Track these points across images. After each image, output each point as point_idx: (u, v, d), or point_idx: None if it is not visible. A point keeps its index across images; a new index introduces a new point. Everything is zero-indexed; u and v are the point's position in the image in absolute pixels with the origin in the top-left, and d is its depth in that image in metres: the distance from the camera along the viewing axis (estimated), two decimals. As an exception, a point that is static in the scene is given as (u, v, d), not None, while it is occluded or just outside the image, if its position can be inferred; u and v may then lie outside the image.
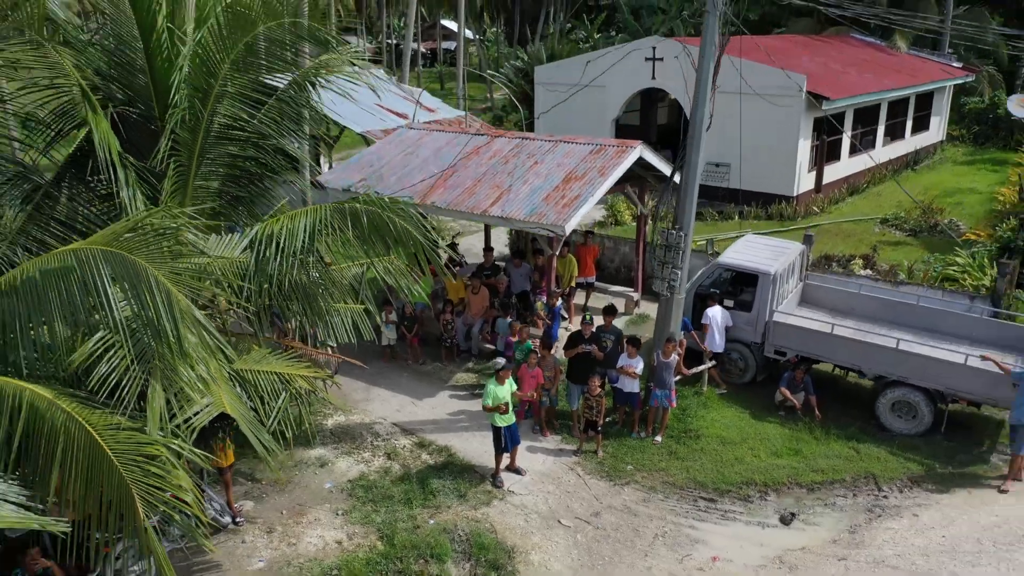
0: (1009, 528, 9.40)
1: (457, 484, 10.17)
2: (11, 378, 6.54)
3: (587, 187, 12.18)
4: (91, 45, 8.79)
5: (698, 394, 12.28)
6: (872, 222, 22.00)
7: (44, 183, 8.17)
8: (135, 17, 8.45)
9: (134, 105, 8.71)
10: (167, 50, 8.53)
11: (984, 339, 12.13)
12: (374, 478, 10.34)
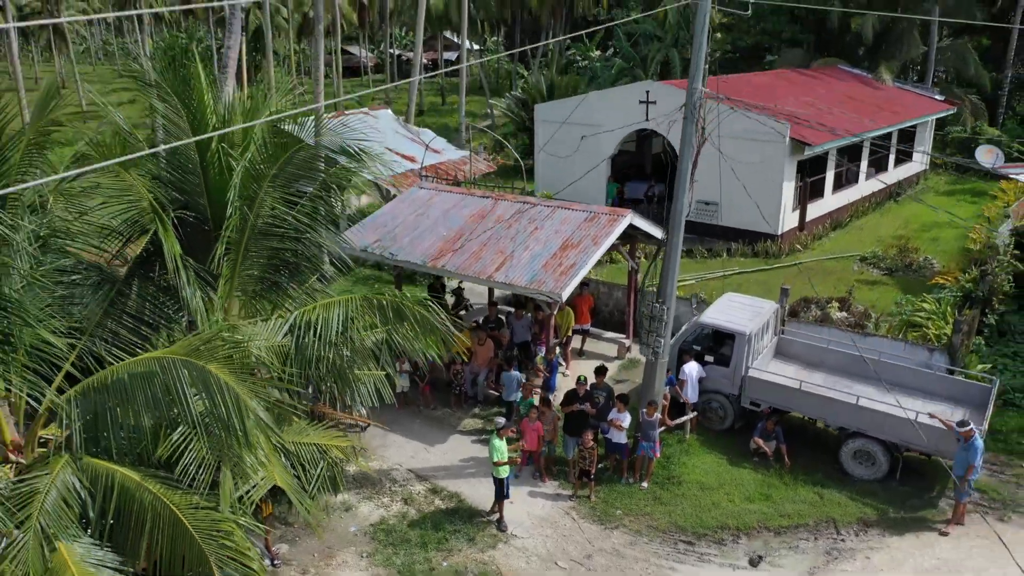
0: (947, 571, 10.81)
1: (467, 528, 11.58)
2: (104, 461, 7.96)
3: (582, 255, 13.59)
4: (154, 157, 10.19)
5: (681, 442, 13.68)
6: (852, 259, 23.41)
7: (118, 281, 9.57)
8: (192, 133, 9.87)
9: (189, 209, 10.11)
10: (219, 164, 9.95)
11: (939, 393, 13.56)
12: (393, 522, 11.75)
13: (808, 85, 30.61)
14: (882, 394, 13.28)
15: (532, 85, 35.11)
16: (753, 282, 21.78)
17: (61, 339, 8.34)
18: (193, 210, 10.11)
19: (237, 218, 9.58)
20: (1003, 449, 13.63)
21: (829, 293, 20.61)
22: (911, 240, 24.35)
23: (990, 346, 16.56)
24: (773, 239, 24.01)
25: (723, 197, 23.70)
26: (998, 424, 14.05)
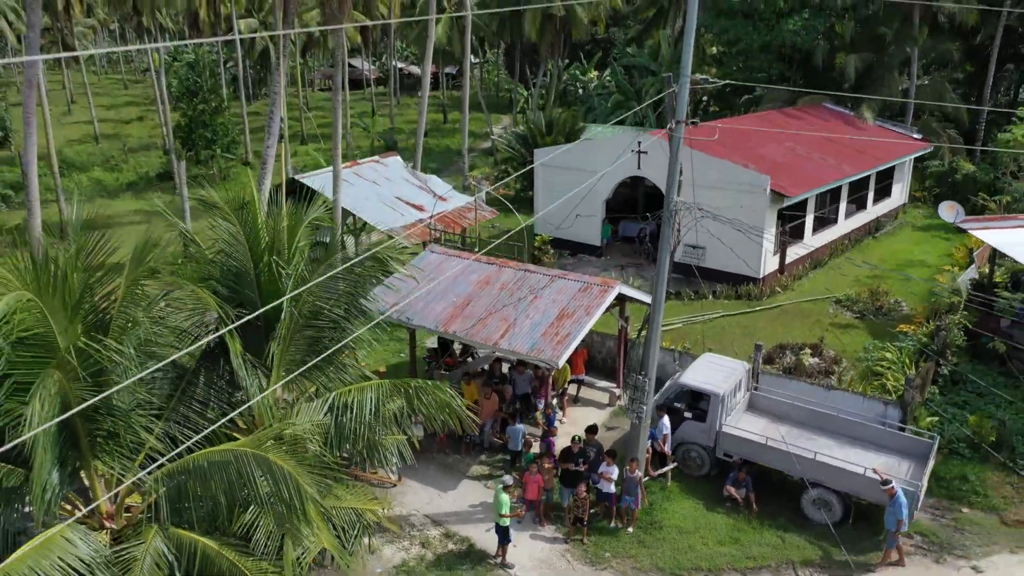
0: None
1: (476, 570, 13.48)
2: (187, 531, 9.86)
3: (576, 325, 15.49)
4: (214, 263, 12.10)
5: (663, 488, 15.59)
6: (827, 302, 25.33)
7: (188, 372, 11.47)
8: (248, 247, 11.80)
9: (244, 307, 12.01)
10: (269, 271, 11.86)
11: (889, 446, 15.48)
12: (413, 564, 13.66)
13: (791, 129, 32.47)
14: (839, 447, 15.23)
15: (532, 121, 36.95)
16: (735, 325, 23.73)
17: (145, 424, 10.27)
18: (247, 307, 12.00)
19: (288, 318, 11.49)
20: (945, 495, 15.53)
21: (805, 336, 22.57)
22: (883, 281, 26.29)
23: (944, 395, 18.45)
24: (755, 282, 25.91)
25: (708, 241, 25.69)
26: (943, 472, 15.95)
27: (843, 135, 33.18)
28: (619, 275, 27.57)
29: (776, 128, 32.35)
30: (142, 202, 44.14)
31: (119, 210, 42.42)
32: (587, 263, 28.97)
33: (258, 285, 11.97)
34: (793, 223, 27.46)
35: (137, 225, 38.69)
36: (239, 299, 12.04)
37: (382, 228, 23.92)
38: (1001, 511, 15.11)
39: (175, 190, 45.46)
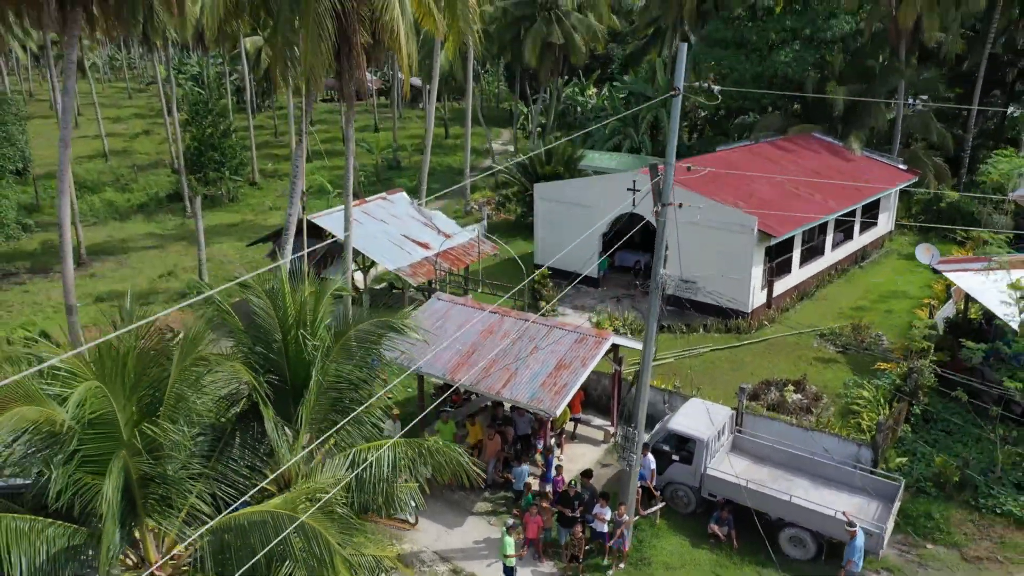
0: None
1: (481, 604, 14.86)
2: (229, 582, 11.23)
3: (572, 376, 16.88)
4: (246, 333, 13.48)
5: (652, 525, 16.96)
6: (812, 335, 26.71)
7: (225, 434, 12.84)
8: (278, 321, 13.18)
9: (273, 373, 13.39)
10: (297, 343, 13.24)
11: (859, 487, 16.84)
12: (424, 599, 15.03)
13: (781, 162, 33.87)
14: (814, 488, 16.62)
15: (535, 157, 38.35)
16: (724, 359, 25.13)
17: (189, 487, 11.65)
18: (276, 373, 13.39)
19: (315, 386, 12.87)
20: (912, 531, 16.90)
21: (790, 371, 23.96)
22: (866, 314, 27.69)
23: (916, 433, 19.83)
24: (744, 315, 27.27)
25: (701, 276, 27.02)
26: (910, 510, 17.32)
27: (831, 168, 34.61)
28: (615, 307, 28.97)
29: (767, 160, 33.76)
30: (154, 224, 45.48)
31: (132, 233, 43.75)
32: (585, 294, 30.34)
33: (286, 354, 13.35)
34: (780, 258, 28.82)
35: (152, 250, 40.09)
36: (269, 365, 13.42)
37: (391, 268, 25.31)
38: (962, 547, 16.48)
39: (185, 212, 46.91)
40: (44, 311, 31.39)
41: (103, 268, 37.12)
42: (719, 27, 42.23)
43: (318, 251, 27.18)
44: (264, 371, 13.33)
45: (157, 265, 37.02)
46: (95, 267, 37.24)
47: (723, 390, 22.04)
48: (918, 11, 35.31)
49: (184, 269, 35.63)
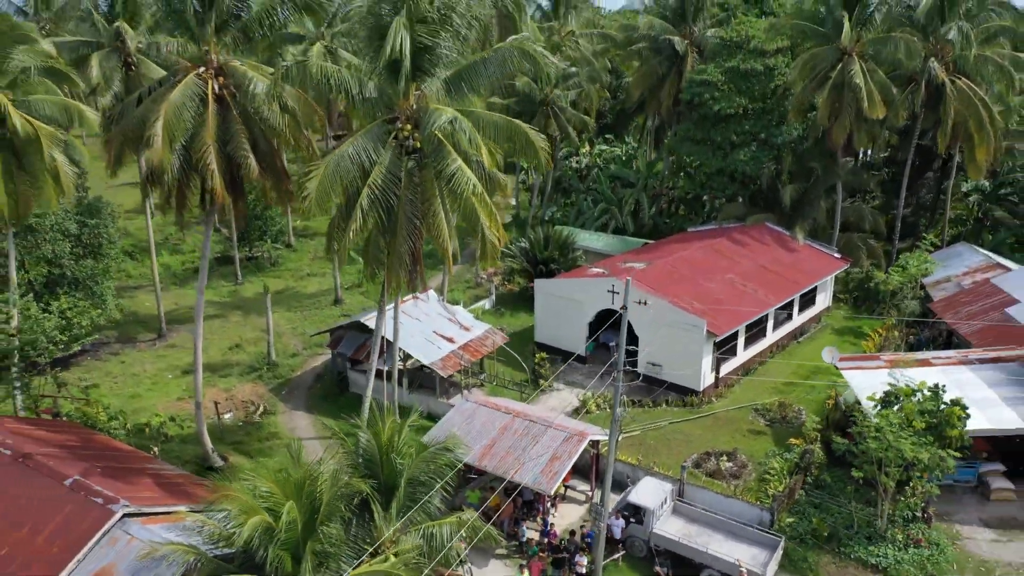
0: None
1: (502, 622, 22.77)
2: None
3: (562, 465, 24.85)
4: (357, 455, 21.41)
5: (616, 565, 24.90)
6: (749, 409, 34.65)
7: (346, 523, 20.73)
8: (376, 445, 21.15)
9: (373, 478, 21.27)
10: (390, 460, 21.16)
11: (757, 541, 24.78)
12: (464, 618, 22.93)
13: (734, 258, 41.79)
14: (725, 541, 24.58)
15: (534, 240, 46.36)
16: (677, 432, 33.08)
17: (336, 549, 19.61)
18: (375, 479, 21.31)
19: (402, 491, 20.79)
20: (793, 570, 24.82)
21: (727, 442, 31.92)
22: (795, 390, 35.65)
23: (808, 495, 27.73)
24: (696, 393, 35.24)
25: (664, 359, 35.08)
26: (793, 555, 25.17)
27: (776, 261, 42.61)
28: (599, 382, 36.88)
29: (722, 256, 41.78)
30: (211, 291, 53.24)
31: (193, 300, 51.57)
32: (575, 370, 38.17)
33: (382, 468, 21.28)
34: (727, 345, 36.78)
35: (215, 319, 47.90)
36: (372, 475, 21.33)
37: (426, 362, 33.22)
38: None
39: (236, 280, 54.85)
40: (143, 383, 39.17)
41: (180, 339, 44.95)
42: (690, 128, 50.23)
43: (368, 343, 35.13)
44: (369, 477, 21.27)
45: (223, 336, 44.89)
46: (173, 338, 45.09)
47: (675, 459, 29.96)
48: (848, 130, 43.37)
49: (248, 342, 43.49)
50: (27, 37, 29.94)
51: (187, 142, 23.91)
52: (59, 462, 22.95)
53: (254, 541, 18.29)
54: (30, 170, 29.84)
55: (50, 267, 39.94)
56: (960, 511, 27.54)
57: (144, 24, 39.98)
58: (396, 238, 21.69)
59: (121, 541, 19.87)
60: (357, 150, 20.78)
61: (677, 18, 54.08)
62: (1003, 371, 30.08)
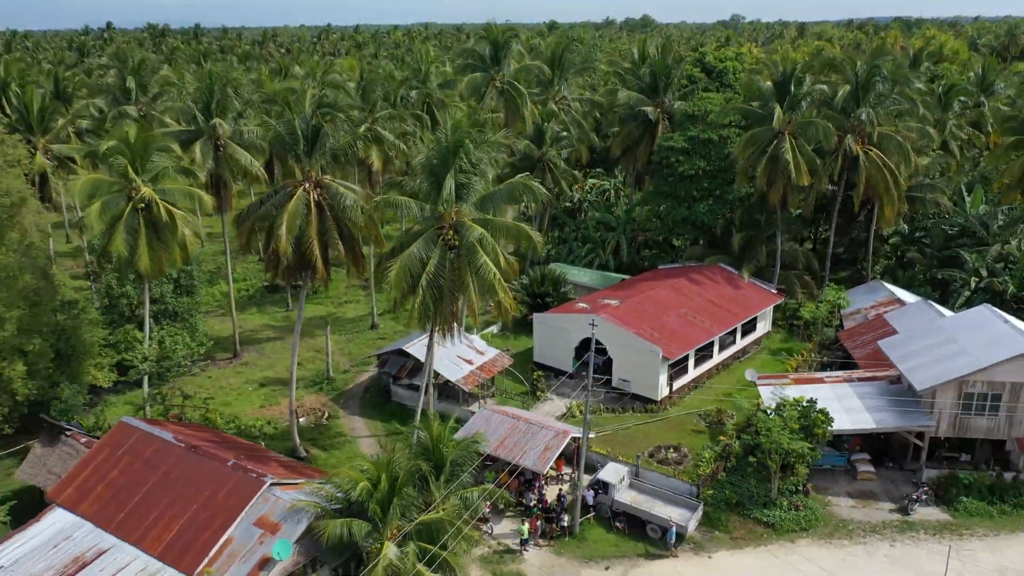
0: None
1: (512, 555, 34.22)
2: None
3: (551, 452, 36.36)
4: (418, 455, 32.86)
5: (588, 522, 36.33)
6: (694, 415, 46.09)
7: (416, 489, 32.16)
8: (429, 438, 32.64)
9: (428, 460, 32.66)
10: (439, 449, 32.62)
11: (685, 505, 36.26)
12: (486, 553, 34.36)
13: (689, 295, 53.25)
14: (663, 506, 36.08)
15: (533, 277, 57.84)
16: (640, 432, 44.52)
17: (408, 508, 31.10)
18: (429, 461, 32.75)
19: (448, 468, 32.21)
20: (709, 525, 36.23)
21: (676, 439, 43.38)
22: (731, 400, 47.05)
23: (727, 475, 39.11)
24: (655, 402, 46.71)
25: (632, 376, 46.56)
26: (711, 515, 36.56)
27: (724, 296, 54.09)
28: (582, 392, 48.31)
29: (680, 293, 53.25)
30: (267, 316, 64.81)
31: (253, 324, 63.05)
32: (564, 384, 49.60)
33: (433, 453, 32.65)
34: (680, 365, 48.25)
35: (275, 341, 59.28)
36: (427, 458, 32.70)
37: (453, 379, 44.61)
38: (731, 532, 35.90)
39: (287, 306, 66.21)
40: (230, 394, 50.52)
41: (251, 357, 56.40)
42: (660, 183, 61.66)
43: (408, 363, 46.62)
44: (425, 459, 32.68)
45: (285, 356, 56.26)
46: (246, 357, 56.52)
47: (636, 450, 41.34)
48: (781, 193, 54.85)
49: (306, 360, 54.87)
50: (166, 146, 41.46)
51: (297, 236, 35.36)
52: (216, 450, 34.41)
53: (362, 497, 29.81)
54: (166, 242, 41.34)
55: (154, 304, 51.32)
56: (833, 486, 39.05)
57: (229, 115, 51.48)
58: (443, 303, 33.23)
59: (271, 500, 31.29)
60: (419, 249, 32.33)
61: (650, 91, 65.62)
62: (872, 387, 41.58)
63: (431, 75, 69.46)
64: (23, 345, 41.05)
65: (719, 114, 58.63)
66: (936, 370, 38.51)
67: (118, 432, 35.97)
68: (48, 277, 43.39)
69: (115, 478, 33.70)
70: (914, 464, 39.98)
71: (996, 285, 52.45)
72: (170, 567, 29.48)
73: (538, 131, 63.07)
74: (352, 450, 42.83)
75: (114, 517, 32.01)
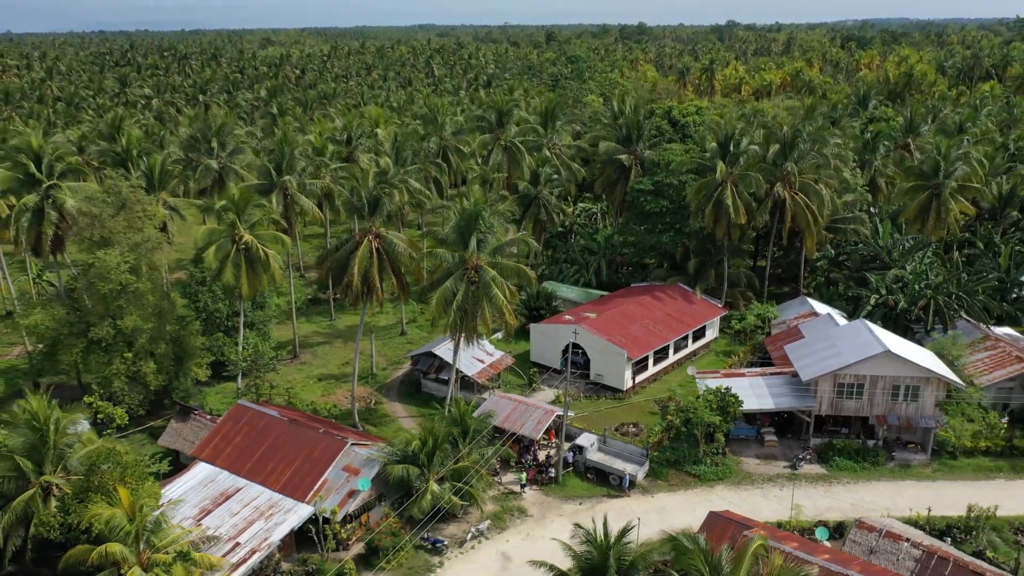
0: (640, 511, 48.65)
1: (513, 497, 49.34)
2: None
3: (542, 424, 51.51)
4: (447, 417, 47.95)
5: (567, 474, 51.38)
6: (651, 401, 61.15)
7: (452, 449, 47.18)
8: (459, 412, 47.78)
9: (457, 426, 47.73)
10: (464, 420, 47.73)
11: (635, 460, 51.38)
12: (496, 509, 49.46)
13: (651, 309, 68.32)
14: (622, 462, 51.25)
15: (530, 294, 72.89)
16: (609, 413, 59.63)
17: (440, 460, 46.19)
18: (458, 427, 47.85)
19: (472, 432, 47.28)
20: (654, 476, 51.28)
21: (636, 418, 58.53)
22: (679, 390, 62.03)
23: (671, 443, 54.14)
24: (623, 391, 61.80)
25: (605, 372, 61.70)
26: (656, 468, 51.64)
27: (680, 310, 69.20)
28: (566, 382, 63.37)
29: (644, 308, 68.37)
30: (314, 325, 79.78)
31: (305, 331, 77.95)
32: (553, 378, 64.68)
33: (462, 423, 47.67)
34: (642, 363, 63.34)
35: (324, 345, 74.27)
36: (456, 426, 47.70)
37: (470, 374, 59.57)
38: (669, 481, 50.98)
39: (330, 317, 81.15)
40: (296, 385, 65.43)
41: (307, 358, 71.43)
42: (633, 217, 76.75)
43: (435, 362, 61.71)
44: (455, 426, 47.75)
45: (335, 357, 71.29)
46: (303, 357, 71.55)
47: (605, 425, 56.35)
48: (725, 228, 69.97)
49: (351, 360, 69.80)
50: (261, 203, 56.59)
51: (362, 272, 50.51)
52: (308, 422, 49.50)
53: (414, 451, 45.03)
54: (259, 273, 56.40)
55: (237, 317, 66.36)
56: (745, 451, 54.14)
57: (296, 170, 66.60)
58: (466, 321, 48.38)
59: (352, 454, 46.36)
60: (451, 284, 47.46)
61: (625, 141, 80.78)
62: (778, 379, 56.67)
63: (446, 125, 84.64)
64: (153, 349, 56.02)
65: (679, 164, 73.77)
66: (819, 366, 53.65)
67: (236, 411, 51.14)
68: (168, 298, 58.36)
69: (239, 442, 48.78)
70: (807, 435, 55.08)
71: (891, 301, 67.53)
72: (288, 497, 44.52)
73: (534, 175, 78.28)
74: (396, 426, 57.86)
75: (243, 467, 47.07)
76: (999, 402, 57.38)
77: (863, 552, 39.26)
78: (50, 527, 38.79)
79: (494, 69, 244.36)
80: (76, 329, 54.67)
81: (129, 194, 53.60)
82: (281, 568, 42.36)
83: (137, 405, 55.24)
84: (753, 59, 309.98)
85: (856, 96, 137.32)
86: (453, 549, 44.26)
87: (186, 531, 38.83)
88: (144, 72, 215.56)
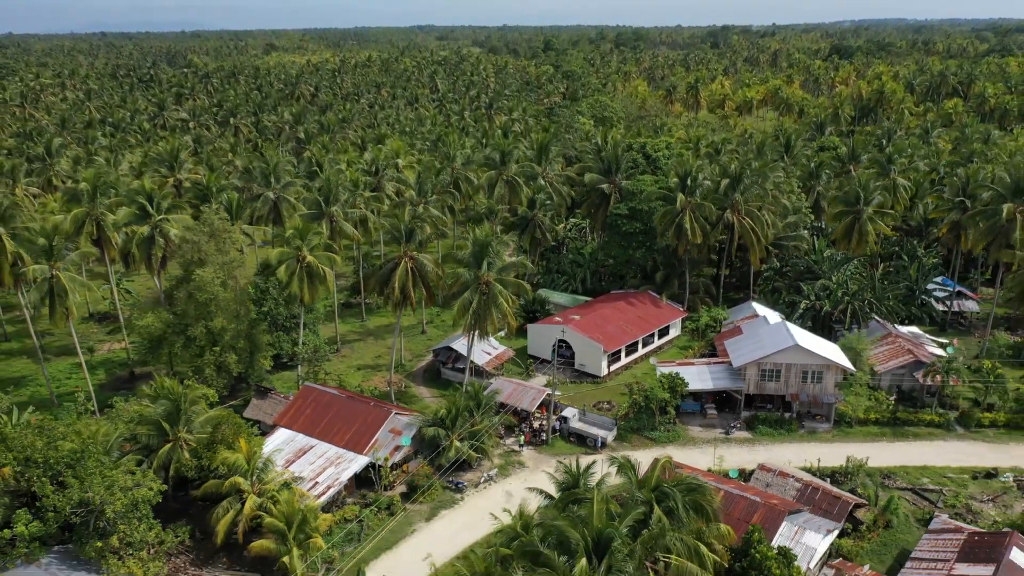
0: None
1: (516, 455, 65.87)
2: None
3: (536, 400, 68.10)
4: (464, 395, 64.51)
5: (555, 438, 67.92)
6: (622, 385, 77.66)
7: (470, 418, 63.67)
8: (474, 390, 64.37)
9: (473, 400, 64.22)
10: (477, 396, 64.27)
11: (607, 428, 67.96)
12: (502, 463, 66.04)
13: (625, 312, 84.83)
14: (599, 429, 67.90)
15: (527, 299, 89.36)
16: (589, 393, 76.21)
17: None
18: (475, 400, 64.33)
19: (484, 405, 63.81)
20: (622, 441, 67.78)
21: (610, 397, 75.11)
22: (646, 377, 78.56)
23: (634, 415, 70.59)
24: (600, 377, 78.31)
25: (586, 361, 78.29)
26: (623, 433, 68.13)
27: (648, 313, 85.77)
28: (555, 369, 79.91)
29: (619, 312, 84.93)
30: (349, 325, 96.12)
31: (343, 331, 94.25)
32: (546, 366, 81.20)
33: (476, 399, 64.17)
34: (616, 354, 79.85)
35: (359, 342, 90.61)
36: (472, 400, 64.20)
37: (480, 363, 75.95)
38: (631, 443, 67.48)
39: (362, 319, 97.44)
40: (341, 373, 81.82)
41: (346, 352, 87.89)
42: (612, 236, 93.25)
43: (452, 354, 78.26)
44: (471, 401, 64.32)
45: (368, 352, 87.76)
46: (343, 352, 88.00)
47: (586, 402, 72.77)
48: (685, 246, 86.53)
49: (384, 353, 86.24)
50: (319, 231, 73.14)
51: (401, 286, 67.08)
52: (361, 398, 66.06)
53: (442, 416, 61.71)
54: (316, 285, 72.89)
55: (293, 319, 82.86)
56: (692, 421, 70.68)
57: (339, 201, 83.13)
58: (478, 323, 64.99)
59: (395, 420, 62.93)
60: (468, 295, 63.98)
61: (606, 172, 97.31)
62: (719, 367, 73.22)
63: (456, 158, 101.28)
64: (234, 344, 72.45)
65: (649, 193, 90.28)
66: (747, 356, 70.24)
67: (305, 390, 67.74)
68: (245, 305, 74.85)
69: (309, 413, 65.31)
70: (740, 410, 71.62)
71: (818, 305, 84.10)
72: (350, 451, 61.03)
73: (531, 202, 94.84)
74: (423, 404, 74.33)
75: (314, 430, 63.58)
76: (894, 384, 74.05)
77: (762, 486, 55.88)
78: (188, 467, 55.21)
79: (495, 85, 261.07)
80: (176, 328, 71.11)
81: (219, 224, 70.06)
82: (347, 501, 58.90)
83: (222, 387, 71.69)
84: (743, 67, 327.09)
85: (817, 122, 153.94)
86: (470, 489, 60.73)
87: (281, 473, 55.43)
88: (168, 89, 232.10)
